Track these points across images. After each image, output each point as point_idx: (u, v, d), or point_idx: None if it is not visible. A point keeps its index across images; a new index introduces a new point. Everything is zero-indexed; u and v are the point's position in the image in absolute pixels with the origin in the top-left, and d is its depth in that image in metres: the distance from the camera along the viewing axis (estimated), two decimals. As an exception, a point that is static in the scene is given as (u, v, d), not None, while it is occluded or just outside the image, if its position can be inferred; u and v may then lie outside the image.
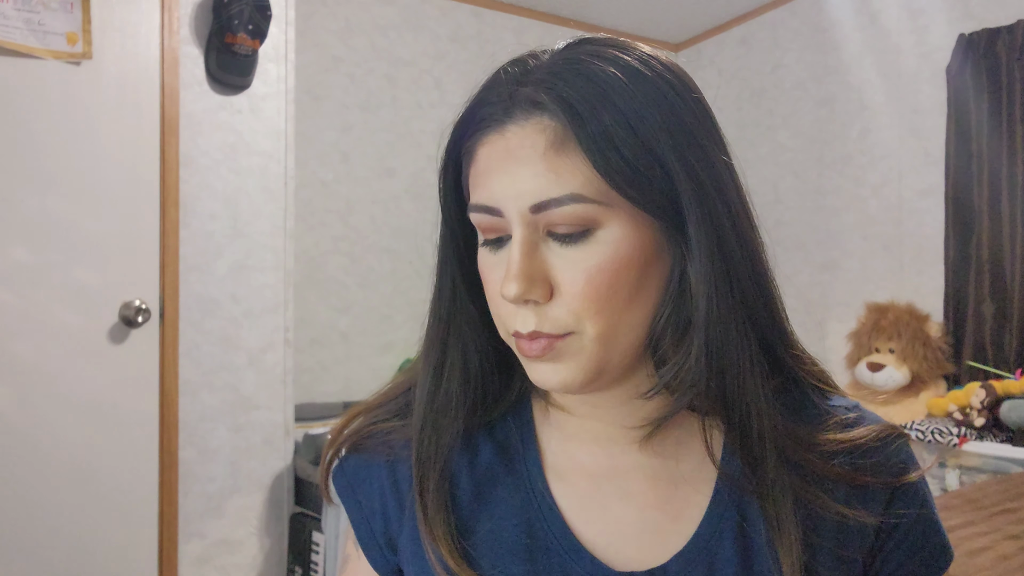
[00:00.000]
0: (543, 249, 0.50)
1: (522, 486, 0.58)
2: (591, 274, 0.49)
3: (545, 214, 0.49)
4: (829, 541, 0.54)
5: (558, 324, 0.50)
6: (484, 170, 0.52)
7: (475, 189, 0.53)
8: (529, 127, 0.50)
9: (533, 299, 0.50)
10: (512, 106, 0.51)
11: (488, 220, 0.52)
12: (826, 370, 0.61)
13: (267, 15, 2.16)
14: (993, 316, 2.64)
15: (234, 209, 2.22)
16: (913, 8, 2.90)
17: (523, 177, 0.49)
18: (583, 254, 0.50)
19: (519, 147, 0.50)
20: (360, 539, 0.63)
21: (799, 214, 3.33)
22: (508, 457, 0.60)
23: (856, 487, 0.55)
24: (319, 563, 2.28)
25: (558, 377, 0.52)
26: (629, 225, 0.50)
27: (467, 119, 0.54)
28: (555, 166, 0.49)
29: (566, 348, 0.51)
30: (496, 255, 0.53)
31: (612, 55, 0.51)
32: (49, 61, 1.91)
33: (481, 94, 0.53)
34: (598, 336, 0.50)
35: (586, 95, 0.49)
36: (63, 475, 1.94)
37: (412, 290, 3.07)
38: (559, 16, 3.56)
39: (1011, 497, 1.68)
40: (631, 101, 0.49)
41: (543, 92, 0.49)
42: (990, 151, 2.65)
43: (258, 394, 2.27)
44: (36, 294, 1.91)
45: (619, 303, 0.50)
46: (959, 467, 2.31)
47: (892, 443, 0.57)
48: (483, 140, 0.52)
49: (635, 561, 0.55)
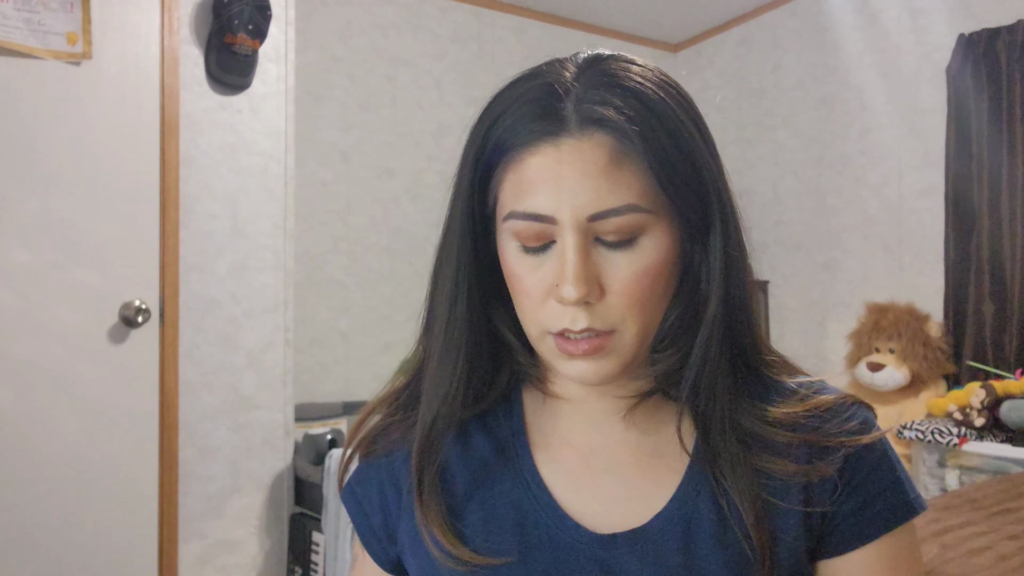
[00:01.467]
0: (593, 254, 0.55)
1: (512, 468, 0.63)
2: (638, 276, 0.55)
3: (602, 223, 0.54)
4: (796, 504, 0.58)
5: (607, 321, 0.55)
6: (535, 179, 0.54)
7: (520, 197, 0.55)
8: (587, 142, 0.53)
9: (589, 300, 0.54)
10: (566, 119, 0.54)
11: (535, 227, 0.55)
12: (793, 364, 0.66)
13: (267, 15, 2.16)
14: (993, 316, 2.64)
15: (234, 209, 2.22)
16: (913, 8, 2.90)
17: (584, 188, 0.53)
18: (631, 257, 0.55)
19: (577, 160, 0.53)
20: (361, 535, 0.68)
21: (799, 214, 3.33)
22: (499, 443, 0.64)
23: (817, 449, 0.59)
24: (319, 563, 2.28)
25: (600, 373, 0.57)
26: (667, 232, 0.56)
27: (510, 127, 0.55)
28: (614, 178, 0.53)
29: (612, 346, 0.56)
30: (537, 258, 0.56)
31: (639, 71, 0.56)
32: (49, 61, 1.91)
33: (521, 106, 0.55)
34: (638, 333, 0.56)
35: (641, 113, 0.53)
36: (63, 475, 1.94)
37: (412, 290, 3.07)
38: (559, 16, 3.56)
39: (1011, 497, 1.68)
40: (672, 117, 0.54)
41: (602, 108, 0.53)
42: (990, 151, 2.65)
43: (258, 394, 2.27)
44: (36, 294, 1.91)
45: (656, 302, 0.57)
46: (959, 467, 2.31)
47: (848, 408, 0.61)
48: (533, 151, 0.54)
49: (619, 525, 0.59)
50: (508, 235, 0.57)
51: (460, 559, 0.58)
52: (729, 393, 0.58)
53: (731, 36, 3.66)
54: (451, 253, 0.60)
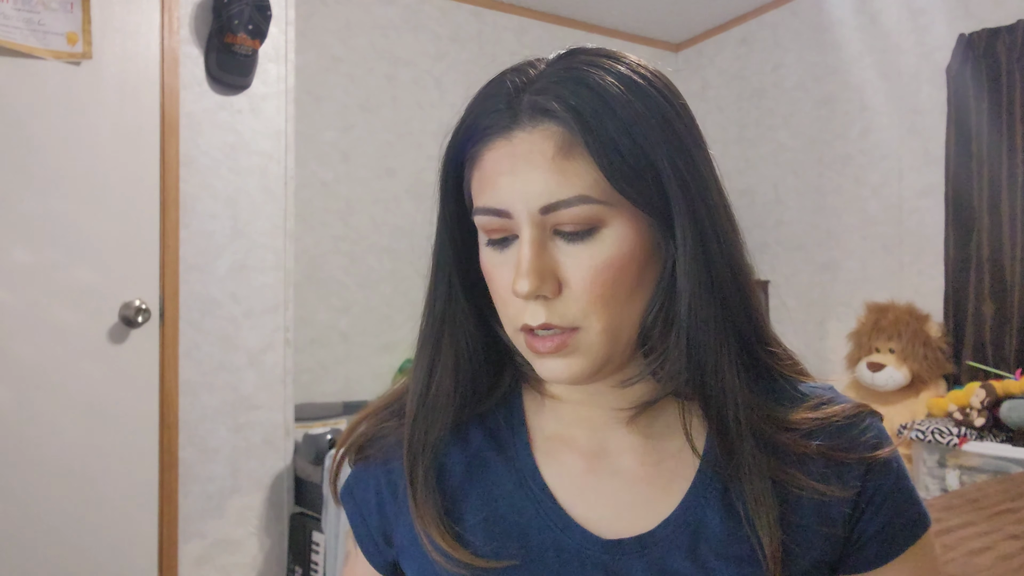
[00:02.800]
0: (551, 247, 0.54)
1: (513, 471, 0.62)
2: (598, 270, 0.53)
3: (554, 215, 0.53)
4: (809, 519, 0.57)
5: (566, 318, 0.54)
6: (491, 174, 0.54)
7: (481, 192, 0.55)
8: (537, 133, 0.53)
9: (543, 294, 0.53)
10: (519, 113, 0.54)
11: (496, 222, 0.55)
12: (800, 363, 0.64)
13: (267, 15, 2.16)
14: (993, 316, 2.64)
15: (234, 209, 2.22)
16: (913, 8, 2.90)
17: (533, 180, 0.52)
18: (589, 251, 0.53)
19: (528, 152, 0.53)
20: (356, 535, 0.67)
21: (799, 214, 3.33)
22: (499, 445, 0.63)
23: (832, 464, 0.58)
24: (319, 563, 2.28)
25: (569, 371, 0.55)
26: (630, 224, 0.54)
27: (471, 125, 0.56)
28: (563, 169, 0.52)
29: (576, 344, 0.54)
30: (502, 254, 0.56)
31: (607, 65, 0.55)
32: (49, 61, 1.91)
33: (483, 103, 0.56)
34: (603, 330, 0.54)
35: (591, 104, 0.52)
36: (63, 475, 1.94)
37: (412, 290, 3.07)
38: (559, 16, 3.55)
39: (1011, 497, 1.68)
40: (628, 109, 0.53)
41: (552, 100, 0.53)
42: (990, 151, 2.65)
43: (258, 394, 2.27)
44: (36, 294, 1.91)
45: (621, 297, 0.54)
46: (959, 467, 2.31)
47: (864, 420, 0.60)
48: (489, 145, 0.55)
49: (625, 531, 0.58)
50: (481, 232, 0.57)
51: (460, 561, 0.58)
52: (741, 392, 0.56)
53: (732, 36, 3.65)
54: (440, 255, 0.61)
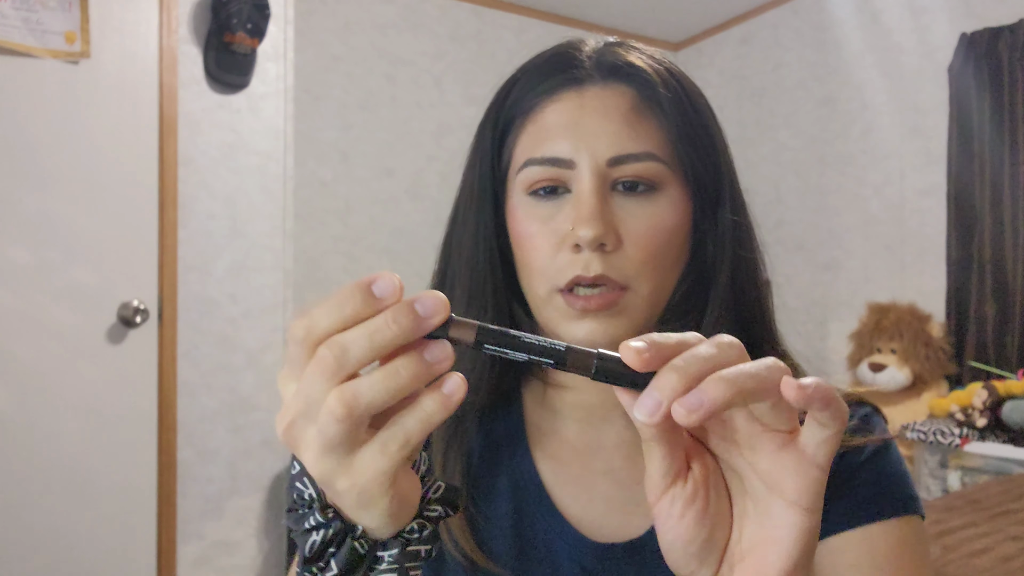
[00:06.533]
0: (611, 202, 0.54)
1: (512, 469, 0.61)
2: (656, 229, 0.54)
3: (620, 167, 0.54)
4: None
5: (622, 273, 0.54)
6: (555, 124, 0.55)
7: (538, 144, 0.56)
8: (609, 90, 0.55)
9: (605, 243, 0.53)
10: (591, 71, 0.56)
11: (551, 171, 0.55)
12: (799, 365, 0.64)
13: (266, 14, 2.15)
14: (995, 316, 2.63)
15: (233, 209, 2.21)
16: (915, 7, 2.89)
17: (604, 132, 0.54)
18: (649, 209, 0.54)
19: (600, 106, 0.55)
20: None
21: (800, 214, 3.32)
22: (498, 443, 0.63)
23: None
24: (318, 564, 2.28)
25: (608, 333, 0.54)
26: (683, 194, 0.56)
27: (532, 80, 0.57)
28: (635, 126, 0.54)
29: (623, 304, 0.54)
30: (549, 205, 0.55)
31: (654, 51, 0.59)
32: (47, 60, 1.90)
33: (547, 61, 0.58)
34: (650, 293, 0.55)
35: (662, 73, 0.56)
36: (61, 476, 1.93)
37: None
38: (559, 15, 3.55)
39: (1013, 498, 1.67)
40: (691, 86, 0.57)
41: (628, 62, 0.56)
42: (992, 150, 2.64)
43: (257, 395, 2.26)
44: (34, 294, 1.90)
45: (667, 264, 0.56)
46: (961, 468, 2.31)
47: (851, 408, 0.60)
48: (555, 97, 0.56)
49: (616, 534, 0.58)
50: (520, 190, 0.56)
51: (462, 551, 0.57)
52: None
53: (732, 35, 3.65)
54: (470, 218, 0.59)
